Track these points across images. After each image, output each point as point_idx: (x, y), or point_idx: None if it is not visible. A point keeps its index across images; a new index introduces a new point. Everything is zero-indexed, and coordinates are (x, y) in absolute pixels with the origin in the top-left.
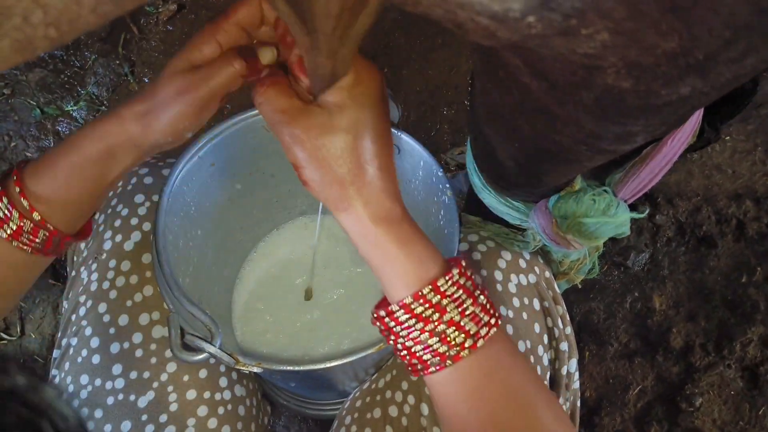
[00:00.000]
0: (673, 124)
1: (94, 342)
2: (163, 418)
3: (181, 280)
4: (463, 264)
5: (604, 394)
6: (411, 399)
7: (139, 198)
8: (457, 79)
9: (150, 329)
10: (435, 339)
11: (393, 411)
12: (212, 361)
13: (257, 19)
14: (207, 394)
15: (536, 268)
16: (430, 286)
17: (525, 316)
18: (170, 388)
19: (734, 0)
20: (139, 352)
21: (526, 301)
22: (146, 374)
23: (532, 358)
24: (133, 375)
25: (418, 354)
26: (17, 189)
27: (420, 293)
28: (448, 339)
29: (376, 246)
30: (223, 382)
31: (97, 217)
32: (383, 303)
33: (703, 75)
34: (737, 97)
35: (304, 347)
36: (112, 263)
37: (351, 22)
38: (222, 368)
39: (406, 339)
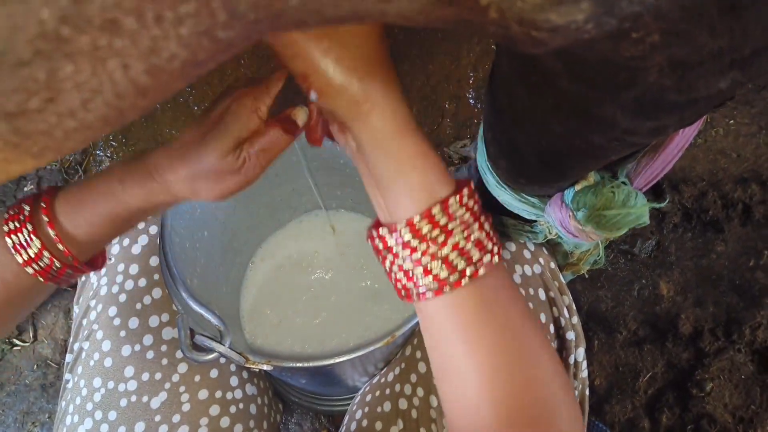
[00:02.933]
0: (703, 113)
1: (106, 345)
2: (176, 418)
3: (189, 282)
4: (472, 185)
5: (614, 382)
6: (420, 391)
7: None
8: (458, 73)
9: (160, 331)
10: (437, 263)
11: (403, 404)
12: (223, 360)
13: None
14: (218, 394)
15: (541, 259)
16: (440, 206)
17: (531, 305)
18: (182, 389)
19: None
20: (150, 354)
21: (531, 291)
22: (158, 375)
23: None
24: (145, 377)
25: (415, 277)
26: (45, 218)
27: (430, 212)
28: (451, 264)
29: (391, 157)
30: (234, 381)
31: None
32: (379, 223)
33: (744, 68)
34: None
35: (312, 344)
36: (121, 267)
37: None
38: (233, 367)
39: (405, 260)
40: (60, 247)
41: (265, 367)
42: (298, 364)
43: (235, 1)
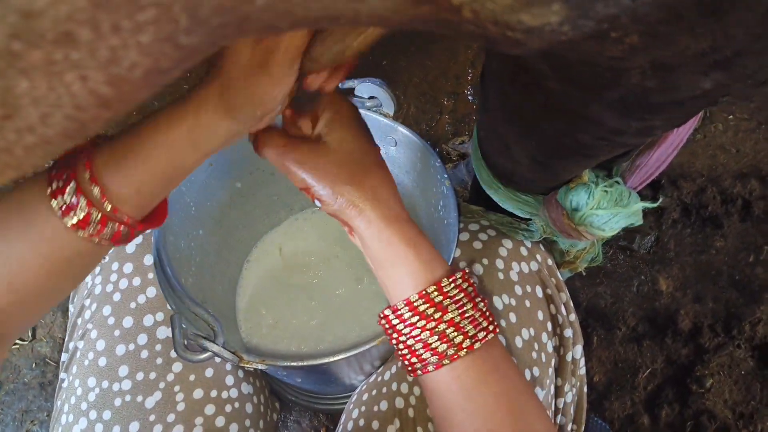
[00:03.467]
0: (692, 114)
1: (100, 345)
2: (171, 417)
3: (184, 281)
4: (467, 271)
5: (613, 378)
6: (417, 390)
7: None
8: (456, 69)
9: (155, 330)
10: (435, 338)
11: (399, 403)
12: (218, 360)
13: None
14: (214, 393)
15: (538, 256)
16: (434, 286)
17: (528, 303)
18: (177, 388)
19: None
20: (144, 353)
21: (528, 288)
22: (152, 375)
23: (536, 345)
24: (140, 376)
25: (418, 352)
26: (87, 174)
27: (425, 292)
28: (448, 338)
29: (389, 245)
30: (229, 380)
31: None
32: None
33: (727, 69)
34: None
35: (309, 343)
36: (115, 266)
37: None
38: (228, 366)
39: (408, 337)
40: (107, 206)
41: (259, 367)
42: (293, 363)
43: (198, 5)
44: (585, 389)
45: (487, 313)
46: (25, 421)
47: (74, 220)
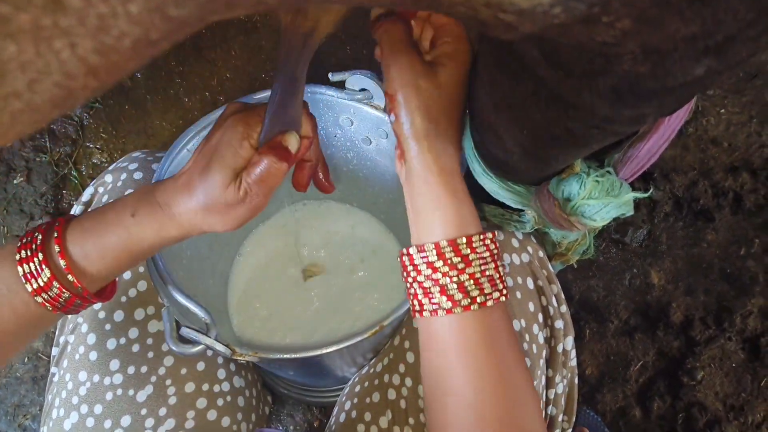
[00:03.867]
0: (684, 102)
1: (91, 339)
2: (163, 411)
3: (175, 274)
4: (495, 235)
5: (605, 370)
6: (408, 381)
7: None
8: None
9: (146, 324)
10: (454, 285)
11: (391, 394)
12: (210, 353)
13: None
14: (205, 387)
15: (529, 248)
16: (465, 239)
17: (519, 295)
18: (168, 382)
19: None
20: (135, 347)
21: (519, 280)
22: (144, 369)
23: (527, 337)
24: (131, 370)
25: (432, 295)
26: (57, 248)
27: (455, 241)
28: (465, 289)
29: (432, 191)
30: (221, 374)
31: None
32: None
33: (719, 55)
34: None
35: (302, 335)
36: None
37: None
38: (220, 360)
39: (426, 278)
40: (70, 277)
41: (252, 359)
42: (285, 356)
43: None
44: (576, 380)
45: (503, 277)
46: (17, 415)
47: (35, 286)
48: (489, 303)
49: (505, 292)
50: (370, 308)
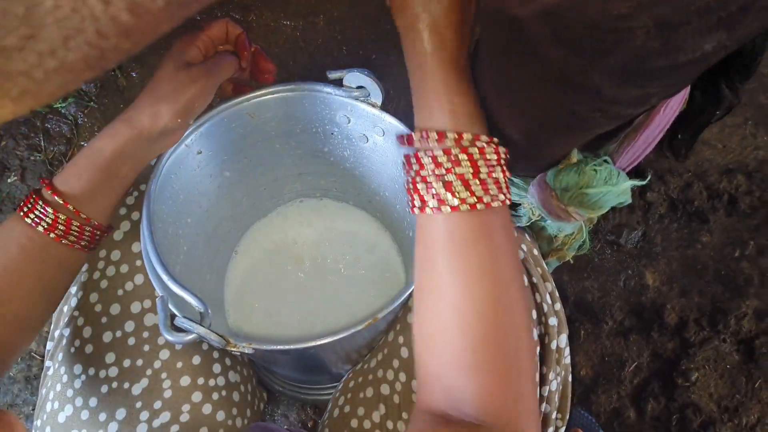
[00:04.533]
0: (686, 83)
1: (87, 332)
2: (158, 404)
3: (172, 268)
4: (496, 142)
5: (600, 371)
6: (402, 377)
7: None
8: None
9: (142, 317)
10: (440, 184)
11: (385, 389)
12: (206, 347)
13: (223, 36)
14: (201, 380)
15: (523, 245)
16: (471, 135)
17: None
18: (164, 375)
19: None
20: (131, 340)
21: None
22: (139, 362)
23: None
24: (127, 363)
25: (431, 186)
26: (49, 192)
27: (462, 135)
28: (469, 185)
29: (451, 76)
30: (216, 368)
31: None
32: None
33: (730, 28)
34: (746, 56)
35: (296, 331)
36: (102, 253)
37: None
38: (215, 354)
39: (428, 172)
40: (71, 208)
41: (246, 350)
42: (279, 347)
43: None
44: (570, 378)
45: (506, 185)
46: None
47: (45, 225)
48: (479, 206)
49: (502, 198)
50: (365, 305)
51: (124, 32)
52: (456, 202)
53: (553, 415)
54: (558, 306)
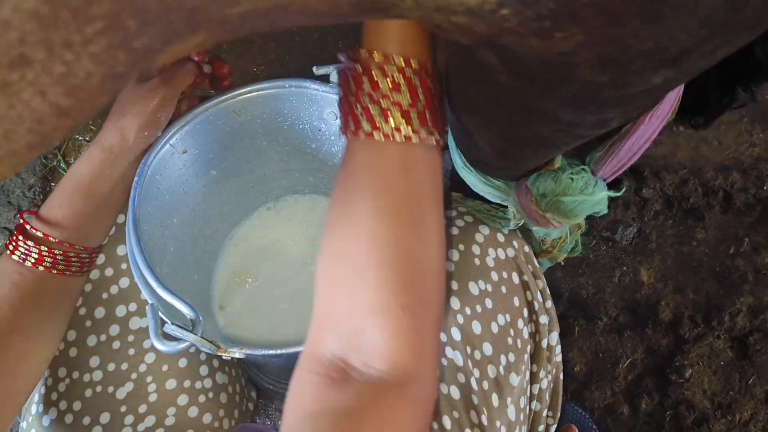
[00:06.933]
0: (646, 108)
1: (71, 335)
2: (143, 408)
3: (158, 270)
4: (432, 69)
5: (594, 368)
6: None
7: None
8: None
9: (127, 321)
10: (377, 109)
11: None
12: (192, 349)
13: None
14: (187, 383)
15: (515, 243)
16: (418, 63)
17: (504, 289)
18: (149, 379)
19: (713, 1)
20: (116, 344)
21: (504, 275)
22: (124, 366)
23: (512, 331)
24: (111, 367)
25: (354, 109)
26: (28, 226)
27: (409, 61)
28: (390, 116)
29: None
30: (203, 370)
31: None
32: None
33: (675, 66)
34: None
35: (288, 330)
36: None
37: None
38: (202, 356)
39: (365, 95)
40: (52, 239)
41: (237, 355)
42: (271, 351)
43: (144, 8)
44: (561, 376)
45: (442, 126)
46: None
47: (32, 260)
48: (397, 138)
49: (436, 139)
50: None
51: (64, 113)
52: (389, 129)
53: (544, 413)
54: (549, 304)
